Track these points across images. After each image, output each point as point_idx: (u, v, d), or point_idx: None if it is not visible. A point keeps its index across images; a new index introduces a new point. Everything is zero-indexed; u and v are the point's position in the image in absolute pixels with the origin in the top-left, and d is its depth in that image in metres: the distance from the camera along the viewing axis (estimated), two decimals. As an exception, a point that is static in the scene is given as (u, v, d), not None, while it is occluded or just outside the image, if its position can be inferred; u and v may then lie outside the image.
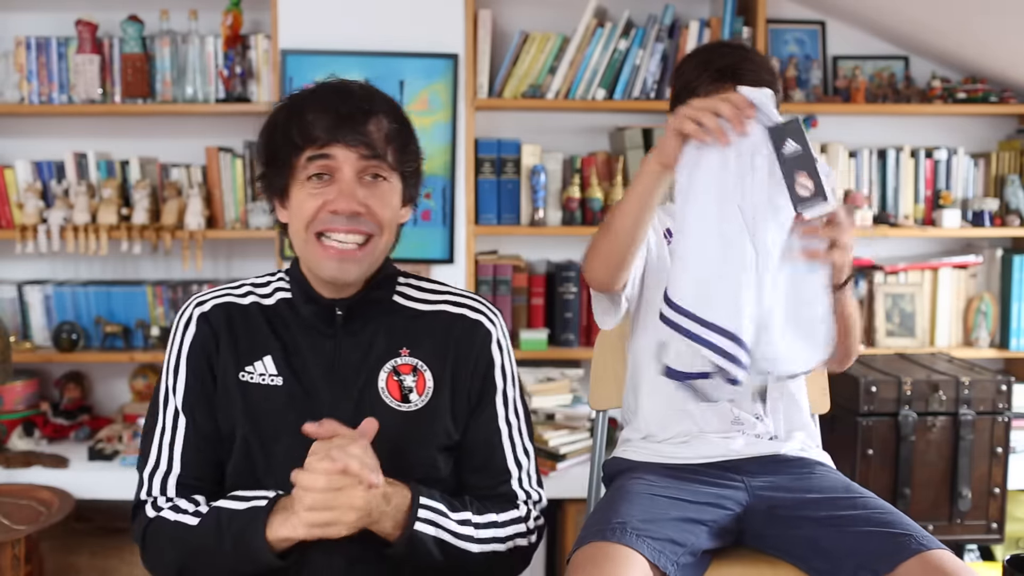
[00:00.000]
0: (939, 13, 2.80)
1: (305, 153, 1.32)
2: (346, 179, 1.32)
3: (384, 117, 1.35)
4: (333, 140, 1.31)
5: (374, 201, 1.33)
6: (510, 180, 2.96)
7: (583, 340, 3.00)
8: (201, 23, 2.93)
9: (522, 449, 1.46)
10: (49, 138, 3.03)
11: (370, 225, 1.34)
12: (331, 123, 1.31)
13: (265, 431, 1.36)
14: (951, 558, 1.33)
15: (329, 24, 2.78)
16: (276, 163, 1.36)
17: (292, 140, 1.33)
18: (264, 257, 3.05)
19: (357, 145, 1.31)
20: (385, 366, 1.39)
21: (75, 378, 3.03)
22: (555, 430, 2.78)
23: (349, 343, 1.39)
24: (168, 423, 1.38)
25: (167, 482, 1.36)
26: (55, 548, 2.76)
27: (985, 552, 2.87)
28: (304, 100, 1.36)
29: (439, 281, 1.51)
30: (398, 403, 1.38)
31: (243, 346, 1.39)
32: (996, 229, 3.03)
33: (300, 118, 1.33)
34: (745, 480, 1.59)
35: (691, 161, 1.31)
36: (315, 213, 1.32)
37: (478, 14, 2.89)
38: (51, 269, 3.08)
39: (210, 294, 1.44)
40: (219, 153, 2.93)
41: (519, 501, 1.44)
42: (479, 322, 1.45)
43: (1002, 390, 2.58)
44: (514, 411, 1.46)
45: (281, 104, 1.40)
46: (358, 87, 1.37)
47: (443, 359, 1.41)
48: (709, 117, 1.27)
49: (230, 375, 1.38)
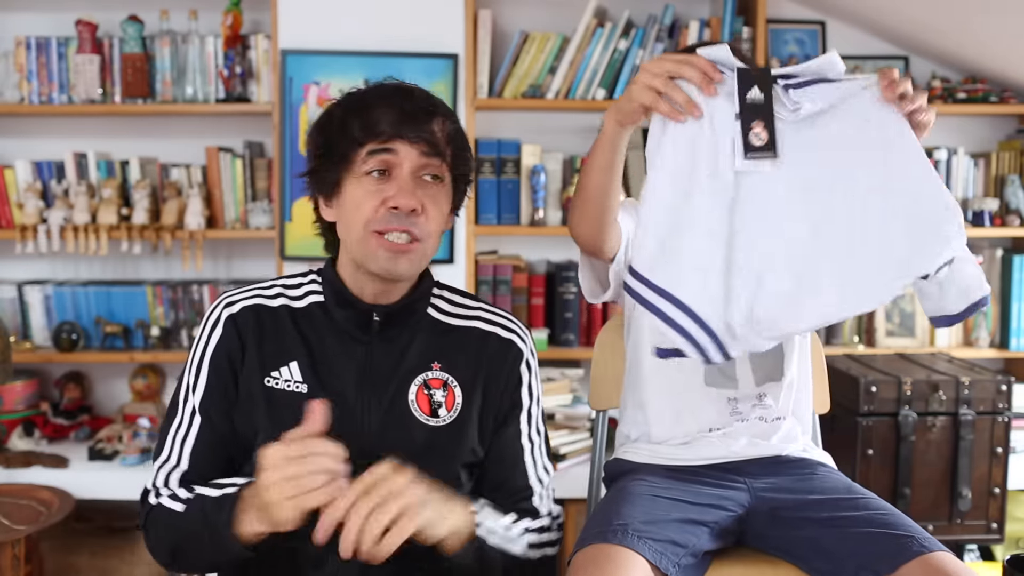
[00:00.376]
0: (939, 13, 2.80)
1: (366, 147, 1.31)
2: (405, 175, 1.32)
3: (445, 119, 1.36)
4: (396, 135, 1.31)
5: (429, 202, 1.33)
6: (510, 180, 2.97)
7: (583, 340, 3.00)
8: (201, 23, 2.93)
9: (543, 467, 1.46)
10: (49, 138, 3.03)
11: (422, 228, 1.33)
12: (395, 118, 1.31)
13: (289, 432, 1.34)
14: (952, 560, 1.33)
15: (329, 24, 2.78)
16: (332, 156, 1.34)
17: (352, 134, 1.32)
18: (264, 257, 3.05)
19: (419, 142, 1.31)
20: (416, 379, 1.38)
21: (75, 378, 3.03)
22: (555, 430, 2.78)
23: (382, 350, 1.38)
24: (185, 420, 1.38)
25: (171, 476, 1.37)
26: (55, 548, 2.76)
27: (985, 552, 2.87)
28: (366, 95, 1.36)
29: (471, 295, 1.51)
30: (427, 417, 1.37)
31: (269, 351, 1.37)
32: (996, 229, 3.03)
33: (363, 113, 1.32)
34: (747, 481, 1.59)
35: (659, 128, 1.30)
36: (375, 210, 1.31)
37: (478, 14, 2.89)
38: (51, 269, 3.08)
39: (240, 294, 1.42)
40: (219, 153, 2.93)
41: (541, 516, 1.45)
42: (511, 341, 1.44)
43: (1002, 390, 2.58)
44: (536, 430, 1.46)
45: (338, 100, 1.38)
46: (419, 89, 1.38)
47: (474, 376, 1.41)
48: (675, 90, 1.26)
49: (254, 380, 1.36)
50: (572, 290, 2.98)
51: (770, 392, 1.66)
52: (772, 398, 1.66)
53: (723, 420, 1.65)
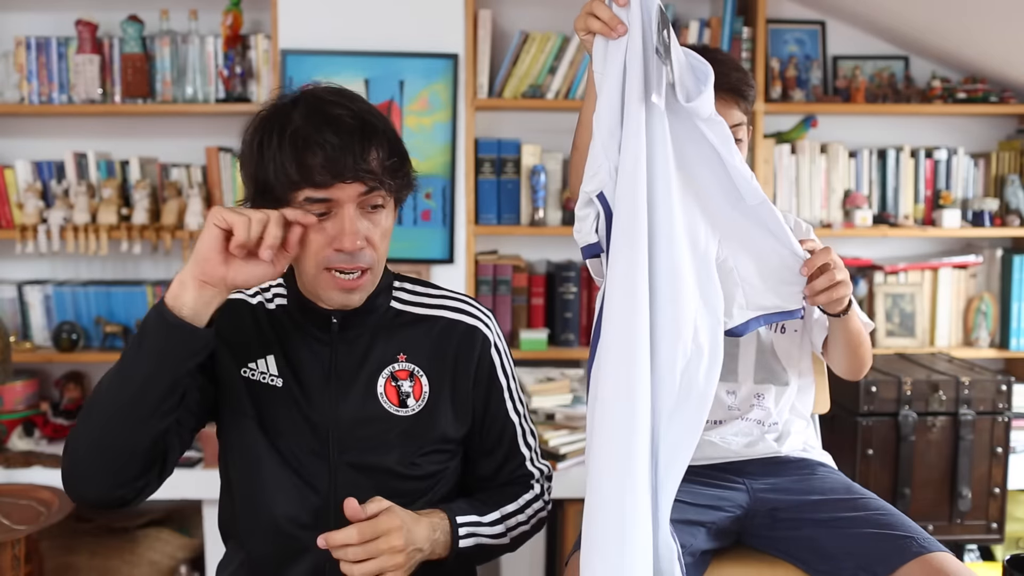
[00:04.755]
0: (939, 13, 2.80)
1: (303, 192, 1.27)
2: (348, 216, 1.28)
3: (381, 146, 1.31)
4: (334, 180, 1.26)
5: (374, 233, 1.32)
6: (510, 180, 2.96)
7: (583, 340, 3.00)
8: (201, 23, 2.92)
9: (529, 432, 1.53)
10: (49, 138, 3.03)
11: (369, 259, 1.33)
12: (329, 160, 1.25)
13: (262, 426, 1.38)
14: (952, 561, 1.33)
15: (329, 24, 2.77)
16: (270, 196, 1.30)
17: (288, 177, 1.27)
18: (264, 257, 3.05)
19: (356, 181, 1.28)
20: (383, 372, 1.40)
21: (75, 378, 3.03)
22: (555, 430, 2.78)
23: (345, 350, 1.40)
24: None
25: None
26: (55, 548, 2.76)
27: (985, 552, 2.87)
28: (298, 133, 1.28)
29: (433, 284, 1.52)
30: (396, 408, 1.40)
31: (247, 342, 1.40)
32: (996, 229, 3.03)
33: (295, 156, 1.26)
34: (747, 482, 1.59)
35: (600, 47, 1.33)
36: (321, 249, 1.30)
37: (478, 14, 2.89)
38: (51, 269, 3.08)
39: None
40: (219, 153, 2.93)
41: (533, 481, 1.52)
42: (476, 328, 1.46)
43: (1002, 390, 2.58)
44: (519, 401, 1.52)
45: (267, 124, 1.32)
46: (349, 115, 1.30)
47: (441, 365, 1.43)
48: (593, 20, 1.30)
49: (233, 369, 1.39)
50: (572, 290, 2.98)
51: (769, 393, 1.66)
52: (771, 399, 1.66)
53: (722, 413, 1.65)
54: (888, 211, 3.09)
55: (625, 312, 1.25)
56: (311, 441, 1.37)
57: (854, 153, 3.08)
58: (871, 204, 3.08)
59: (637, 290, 1.25)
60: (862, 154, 3.08)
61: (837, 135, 3.12)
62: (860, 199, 3.02)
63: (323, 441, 1.37)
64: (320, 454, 1.37)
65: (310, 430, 1.37)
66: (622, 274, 1.26)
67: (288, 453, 1.37)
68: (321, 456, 1.37)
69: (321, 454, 1.37)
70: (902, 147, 3.10)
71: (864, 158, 3.08)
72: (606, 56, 1.31)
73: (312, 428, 1.37)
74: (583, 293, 3.00)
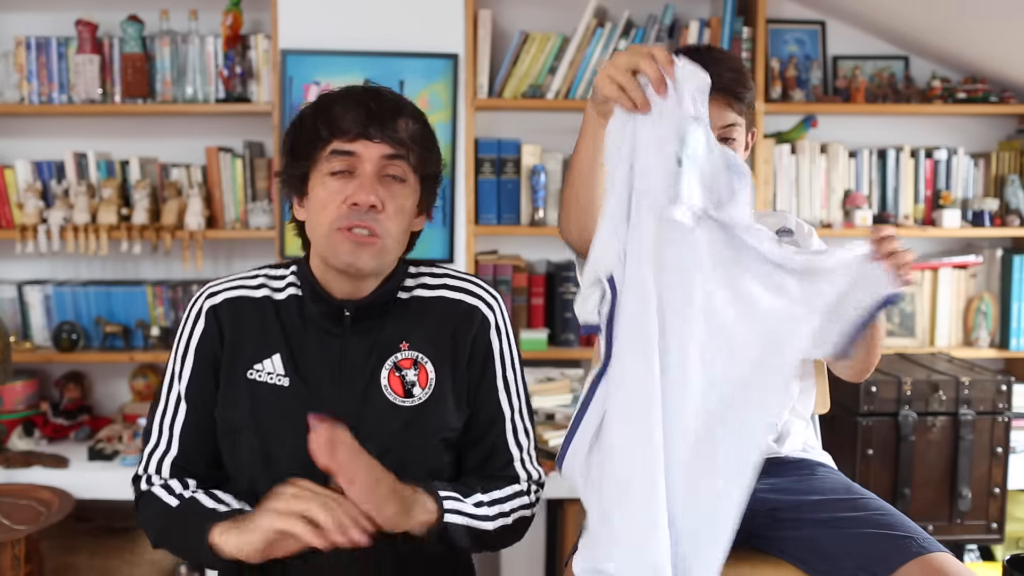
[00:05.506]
0: (939, 13, 2.80)
1: (330, 146, 1.33)
2: (367, 174, 1.33)
3: (411, 119, 1.37)
4: (359, 135, 1.32)
5: (389, 202, 1.34)
6: (510, 180, 2.97)
7: (583, 340, 3.00)
8: (201, 23, 2.92)
9: (523, 430, 1.48)
10: (49, 138, 3.03)
11: (381, 224, 1.34)
12: (359, 117, 1.32)
13: (269, 430, 1.37)
14: (952, 561, 1.33)
15: (329, 24, 2.77)
16: (298, 155, 1.37)
17: (318, 133, 1.34)
18: (264, 257, 3.05)
19: (382, 141, 1.33)
20: (387, 362, 1.39)
21: (75, 378, 3.03)
22: (555, 430, 2.78)
23: (355, 343, 1.40)
24: (171, 406, 1.41)
25: (163, 462, 1.39)
26: (55, 548, 2.76)
27: (985, 552, 2.87)
28: (333, 96, 1.38)
29: (442, 265, 1.51)
30: (401, 399, 1.38)
31: (252, 343, 1.39)
32: (996, 229, 3.03)
33: (328, 112, 1.34)
34: (746, 482, 1.59)
35: (619, 123, 1.23)
36: (337, 208, 1.33)
37: (478, 14, 2.89)
38: (51, 269, 3.08)
39: (223, 284, 1.44)
40: (219, 153, 2.93)
41: (521, 480, 1.47)
42: (476, 308, 1.45)
43: (1002, 390, 2.58)
44: (515, 394, 1.47)
45: (311, 102, 1.41)
46: (387, 89, 1.39)
47: (442, 348, 1.41)
48: (628, 77, 1.18)
49: (237, 372, 1.39)
50: (572, 290, 2.98)
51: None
52: None
53: None
54: (888, 211, 3.09)
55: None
56: None
57: (854, 153, 3.08)
58: (871, 204, 3.08)
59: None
60: (862, 154, 3.08)
61: (837, 135, 3.12)
62: (860, 199, 3.02)
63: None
64: None
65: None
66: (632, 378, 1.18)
67: (290, 457, 1.34)
68: None
69: None
70: (902, 147, 3.10)
71: (864, 158, 3.08)
72: (623, 133, 1.21)
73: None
74: (583, 293, 2.99)
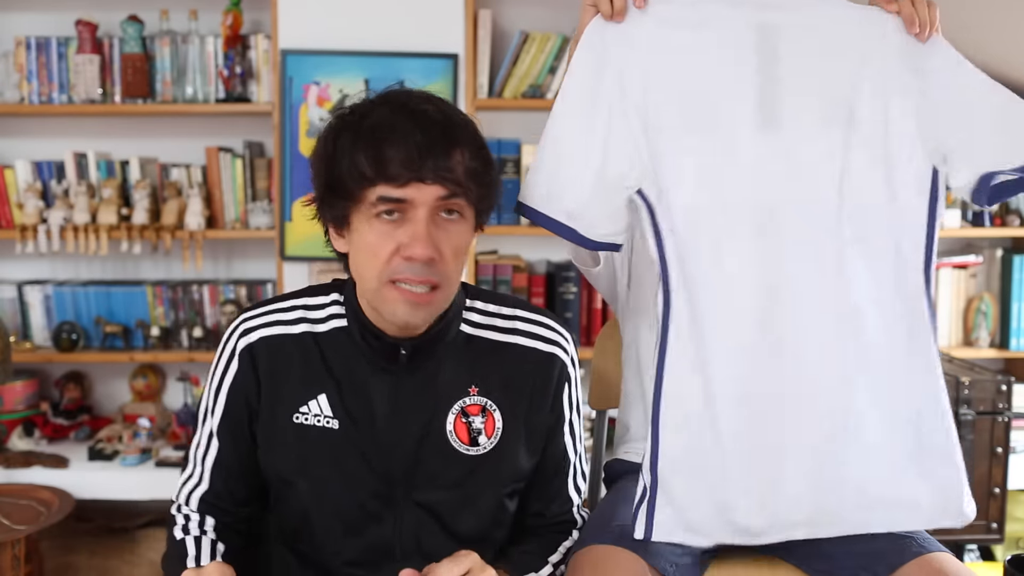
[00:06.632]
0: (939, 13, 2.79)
1: (377, 189, 1.16)
2: (420, 219, 1.17)
3: (467, 148, 1.20)
4: (411, 179, 1.15)
5: (446, 246, 1.19)
6: (510, 180, 2.96)
7: (583, 340, 3.00)
8: (201, 23, 2.93)
9: (581, 475, 1.43)
10: (49, 138, 3.03)
11: (439, 274, 1.20)
12: (409, 157, 1.15)
13: (321, 476, 1.29)
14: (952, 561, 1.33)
15: (329, 24, 2.78)
16: (340, 192, 1.19)
17: (361, 171, 1.16)
18: (264, 257, 3.05)
19: (435, 182, 1.16)
20: (453, 407, 1.29)
21: (75, 378, 3.03)
22: (555, 430, 2.78)
23: (413, 379, 1.29)
24: (204, 440, 1.35)
25: (193, 495, 1.36)
26: (55, 548, 2.76)
27: (985, 552, 2.87)
28: (373, 121, 1.18)
29: (504, 297, 1.39)
30: (466, 447, 1.29)
31: (294, 384, 1.29)
32: (996, 229, 3.03)
33: (372, 147, 1.16)
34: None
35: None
36: (389, 259, 1.18)
37: (478, 14, 2.89)
38: (51, 269, 3.08)
39: (258, 319, 1.31)
40: (219, 153, 2.93)
41: (573, 529, 1.43)
42: (554, 356, 1.34)
43: (1002, 390, 2.58)
44: (578, 439, 1.42)
45: (344, 118, 1.22)
46: (436, 111, 1.20)
47: (515, 397, 1.32)
48: None
49: (280, 418, 1.29)
50: (572, 290, 2.98)
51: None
52: None
53: None
54: (888, 211, 3.09)
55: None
56: (374, 482, 1.28)
57: (854, 153, 3.08)
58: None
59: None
60: (862, 154, 3.08)
61: (837, 135, 3.11)
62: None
63: (386, 480, 1.28)
64: (383, 495, 1.28)
65: (371, 470, 1.28)
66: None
67: (345, 501, 1.29)
68: (385, 496, 1.28)
69: (384, 495, 1.28)
70: (902, 147, 3.09)
71: (864, 158, 3.08)
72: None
73: (373, 468, 1.28)
74: (583, 293, 3.00)
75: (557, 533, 1.42)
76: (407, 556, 1.28)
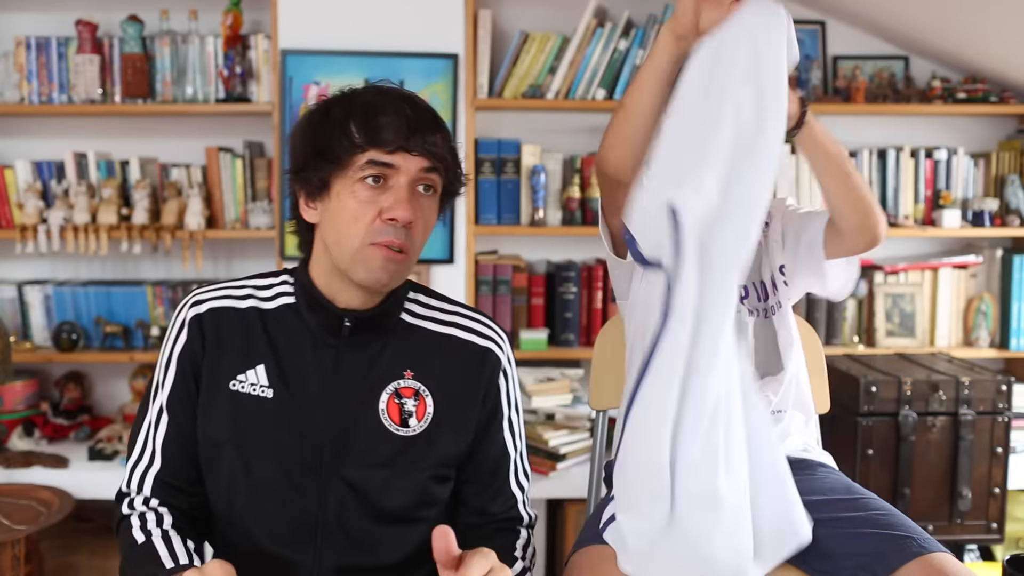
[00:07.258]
0: (939, 13, 2.80)
1: (367, 155, 1.26)
2: (402, 186, 1.28)
3: (446, 134, 1.33)
4: (401, 147, 1.26)
5: (419, 217, 1.30)
6: (510, 180, 2.96)
7: (583, 340, 3.00)
8: (201, 23, 2.92)
9: (523, 472, 1.46)
10: (49, 138, 3.03)
11: (411, 240, 1.30)
12: (400, 128, 1.26)
13: (249, 444, 1.32)
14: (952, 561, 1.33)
15: (329, 24, 2.77)
16: (325, 157, 1.28)
17: (352, 138, 1.26)
18: (264, 257, 3.05)
19: (420, 154, 1.28)
20: (388, 387, 1.35)
21: (75, 378, 3.03)
22: (555, 430, 2.78)
23: (352, 355, 1.35)
24: (153, 418, 1.36)
25: (146, 477, 1.35)
26: (55, 548, 2.76)
27: (985, 552, 2.87)
28: (366, 98, 1.30)
29: (446, 297, 1.46)
30: (396, 427, 1.33)
31: (236, 354, 1.34)
32: (996, 229, 3.03)
33: (366, 117, 1.27)
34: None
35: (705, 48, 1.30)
36: (371, 222, 1.27)
37: (478, 14, 2.89)
38: (51, 269, 3.08)
39: (209, 293, 1.38)
40: (219, 153, 2.93)
41: (519, 526, 1.44)
42: (489, 350, 1.41)
43: (1002, 390, 2.58)
44: (518, 435, 1.45)
45: (335, 98, 1.32)
46: (418, 97, 1.33)
47: (448, 386, 1.37)
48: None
49: (219, 384, 1.33)
50: (572, 290, 2.98)
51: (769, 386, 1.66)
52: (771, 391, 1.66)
53: None
54: (888, 211, 3.09)
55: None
56: (302, 453, 1.31)
57: (854, 153, 3.08)
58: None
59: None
60: (862, 154, 3.08)
61: (837, 135, 3.06)
62: (860, 199, 3.02)
63: (316, 453, 1.31)
64: (311, 467, 1.31)
65: (300, 441, 1.31)
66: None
67: (271, 470, 1.31)
68: (312, 469, 1.31)
69: (312, 467, 1.31)
70: (902, 147, 3.10)
71: (864, 158, 3.08)
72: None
73: (303, 439, 1.31)
74: (583, 293, 3.00)
75: (508, 531, 1.42)
76: (329, 534, 1.30)
